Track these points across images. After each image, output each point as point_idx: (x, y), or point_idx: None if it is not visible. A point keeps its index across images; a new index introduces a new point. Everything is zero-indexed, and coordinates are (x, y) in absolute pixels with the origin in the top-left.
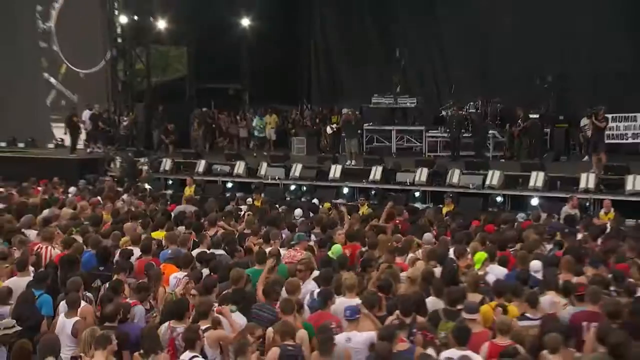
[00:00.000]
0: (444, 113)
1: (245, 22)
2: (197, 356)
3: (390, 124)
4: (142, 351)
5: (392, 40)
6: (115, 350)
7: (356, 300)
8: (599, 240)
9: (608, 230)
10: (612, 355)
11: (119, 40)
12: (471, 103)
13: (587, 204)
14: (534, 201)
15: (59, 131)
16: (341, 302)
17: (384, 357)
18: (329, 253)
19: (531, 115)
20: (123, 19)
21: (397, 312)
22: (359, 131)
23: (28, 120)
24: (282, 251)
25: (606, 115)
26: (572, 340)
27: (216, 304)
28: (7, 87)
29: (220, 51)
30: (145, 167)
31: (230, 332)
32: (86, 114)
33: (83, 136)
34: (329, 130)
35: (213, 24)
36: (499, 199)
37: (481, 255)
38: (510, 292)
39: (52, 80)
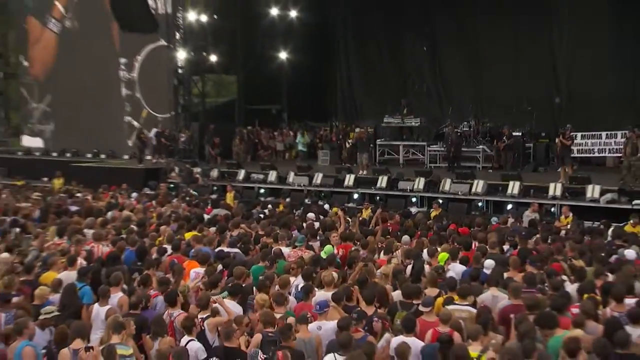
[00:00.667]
0: (443, 131)
1: (284, 55)
2: (193, 340)
3: (398, 140)
4: (151, 334)
5: (403, 70)
6: (132, 334)
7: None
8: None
9: (563, 233)
10: (519, 341)
11: (179, 71)
12: (465, 122)
13: (553, 209)
14: (509, 207)
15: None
16: (320, 295)
17: (344, 344)
18: (322, 252)
19: (515, 133)
20: (182, 54)
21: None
22: (371, 146)
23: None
24: (287, 250)
25: (573, 133)
26: (492, 327)
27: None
28: (96, 131)
29: (264, 79)
30: (199, 176)
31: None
32: (152, 132)
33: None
34: (347, 144)
35: (257, 57)
36: (480, 204)
37: (444, 255)
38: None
39: (135, 123)
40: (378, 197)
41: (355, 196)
